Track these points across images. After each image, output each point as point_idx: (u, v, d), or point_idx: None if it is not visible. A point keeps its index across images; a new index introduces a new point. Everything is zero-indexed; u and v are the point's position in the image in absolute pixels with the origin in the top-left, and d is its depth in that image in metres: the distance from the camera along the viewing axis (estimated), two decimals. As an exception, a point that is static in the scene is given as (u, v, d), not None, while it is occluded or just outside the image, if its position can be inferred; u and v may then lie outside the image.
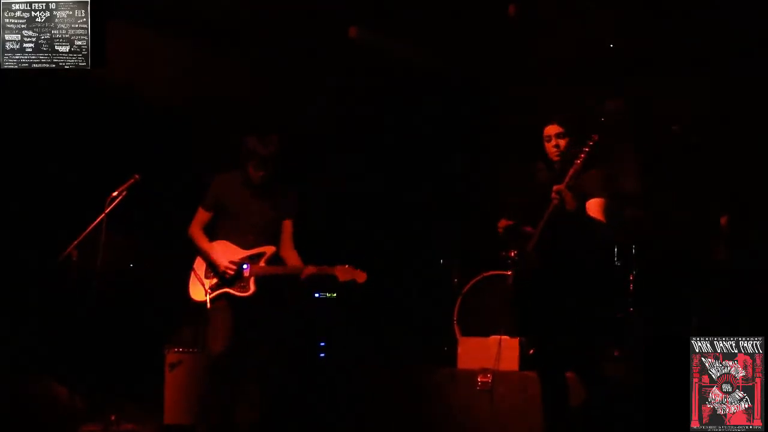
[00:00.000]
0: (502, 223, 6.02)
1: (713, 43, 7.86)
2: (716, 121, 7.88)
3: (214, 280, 6.42)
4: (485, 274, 7.75)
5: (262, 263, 6.46)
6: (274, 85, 8.64)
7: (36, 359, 7.13)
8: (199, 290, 6.42)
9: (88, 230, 6.46)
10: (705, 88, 8.05)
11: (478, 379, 6.88)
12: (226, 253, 6.45)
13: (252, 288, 6.40)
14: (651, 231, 7.64)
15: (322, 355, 8.54)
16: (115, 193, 6.48)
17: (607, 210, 5.73)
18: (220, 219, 6.56)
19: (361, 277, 6.45)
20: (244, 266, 6.41)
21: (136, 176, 6.54)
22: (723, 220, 7.24)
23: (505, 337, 7.10)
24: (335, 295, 8.62)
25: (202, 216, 6.57)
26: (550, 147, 5.95)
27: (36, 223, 7.56)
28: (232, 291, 6.40)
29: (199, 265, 6.50)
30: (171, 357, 7.28)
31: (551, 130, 5.95)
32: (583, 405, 5.85)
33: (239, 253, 6.46)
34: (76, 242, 6.45)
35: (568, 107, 6.15)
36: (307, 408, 7.38)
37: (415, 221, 9.13)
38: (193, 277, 6.48)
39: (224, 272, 6.38)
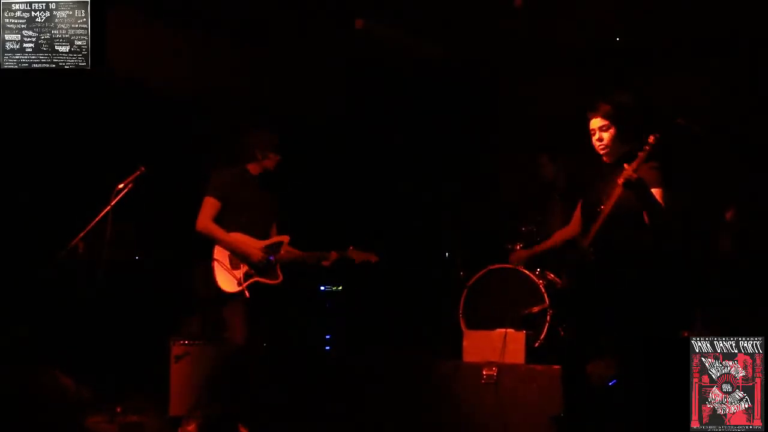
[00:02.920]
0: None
1: (720, 36, 7.83)
2: (721, 113, 7.86)
3: (244, 270, 6.58)
4: (491, 268, 7.72)
5: (283, 251, 6.72)
6: (281, 77, 8.65)
7: (42, 350, 7.15)
8: (230, 281, 6.58)
9: (94, 222, 6.49)
10: (711, 81, 8.03)
11: (483, 373, 6.85)
12: (250, 243, 6.64)
13: (280, 276, 6.69)
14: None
15: (328, 347, 8.57)
16: (120, 185, 6.51)
17: (666, 200, 5.59)
18: (226, 211, 6.68)
19: (373, 257, 6.82)
20: (271, 255, 6.63)
21: (142, 168, 6.57)
22: (728, 214, 7.22)
23: (511, 330, 7.08)
24: (341, 287, 8.67)
25: (213, 207, 6.66)
26: (594, 141, 5.68)
27: (42, 216, 7.56)
28: (263, 279, 6.63)
29: (222, 256, 6.59)
30: (177, 349, 7.28)
31: (594, 123, 5.66)
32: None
33: (258, 243, 6.67)
34: (82, 234, 6.48)
35: (603, 97, 5.86)
36: (312, 400, 7.38)
37: (420, 214, 9.13)
38: (218, 268, 6.60)
39: (259, 262, 6.57)
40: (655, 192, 5.56)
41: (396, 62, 8.79)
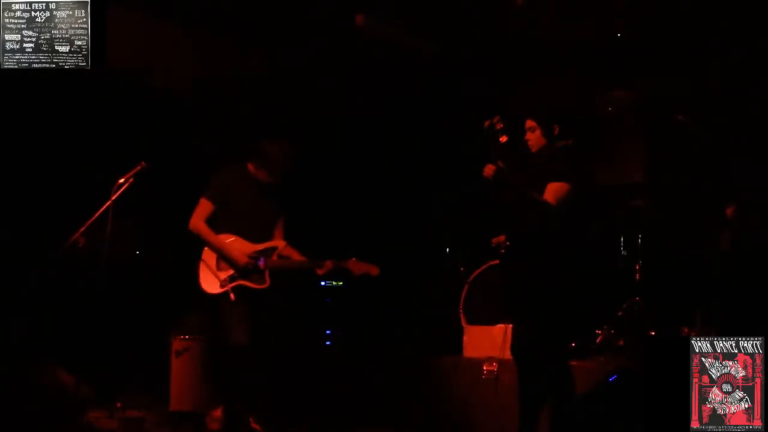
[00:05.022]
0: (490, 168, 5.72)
1: (719, 33, 7.82)
2: (722, 111, 7.85)
3: (229, 272, 6.49)
4: (491, 263, 7.73)
5: (275, 257, 6.56)
6: (280, 74, 8.64)
7: (43, 346, 7.17)
8: (213, 282, 6.50)
9: (94, 217, 6.48)
10: (712, 78, 8.02)
11: (484, 368, 6.88)
12: (238, 247, 6.52)
13: (267, 281, 6.51)
14: (656, 221, 7.63)
15: (329, 343, 8.58)
16: (121, 180, 6.49)
17: (565, 196, 5.56)
18: (223, 213, 6.58)
19: (374, 270, 6.60)
20: (260, 260, 6.50)
21: (143, 163, 6.55)
22: (729, 211, 7.21)
23: (511, 325, 7.09)
24: (342, 283, 8.66)
25: (206, 208, 6.57)
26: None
27: (43, 216, 7.58)
28: (247, 283, 6.49)
29: (209, 257, 6.54)
30: (177, 344, 7.31)
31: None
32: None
33: (250, 247, 6.54)
34: (82, 229, 6.48)
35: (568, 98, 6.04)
36: (313, 395, 7.40)
37: (421, 210, 9.12)
38: (203, 268, 6.53)
39: (244, 267, 6.46)
40: (557, 186, 5.58)
41: (395, 60, 8.78)
